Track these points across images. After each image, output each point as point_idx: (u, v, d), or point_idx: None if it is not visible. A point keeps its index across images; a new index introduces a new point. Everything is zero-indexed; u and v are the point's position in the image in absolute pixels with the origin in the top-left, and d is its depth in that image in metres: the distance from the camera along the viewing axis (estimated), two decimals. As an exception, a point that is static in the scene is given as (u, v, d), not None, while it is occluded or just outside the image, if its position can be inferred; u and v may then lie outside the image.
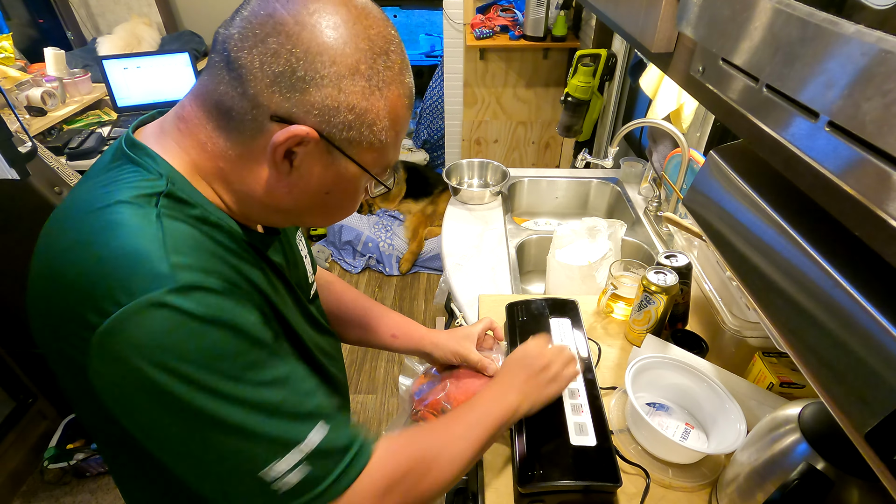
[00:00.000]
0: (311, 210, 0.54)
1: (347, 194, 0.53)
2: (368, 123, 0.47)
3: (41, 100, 2.07)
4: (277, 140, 0.45)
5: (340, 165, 0.49)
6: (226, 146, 0.48)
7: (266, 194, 0.50)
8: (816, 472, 0.51)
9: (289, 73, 0.43)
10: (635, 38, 0.68)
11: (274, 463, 0.45)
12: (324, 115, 0.45)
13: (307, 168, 0.48)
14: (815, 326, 0.37)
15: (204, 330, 0.42)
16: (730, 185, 0.51)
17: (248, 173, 0.49)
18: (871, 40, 0.28)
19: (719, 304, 0.94)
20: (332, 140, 0.47)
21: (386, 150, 0.51)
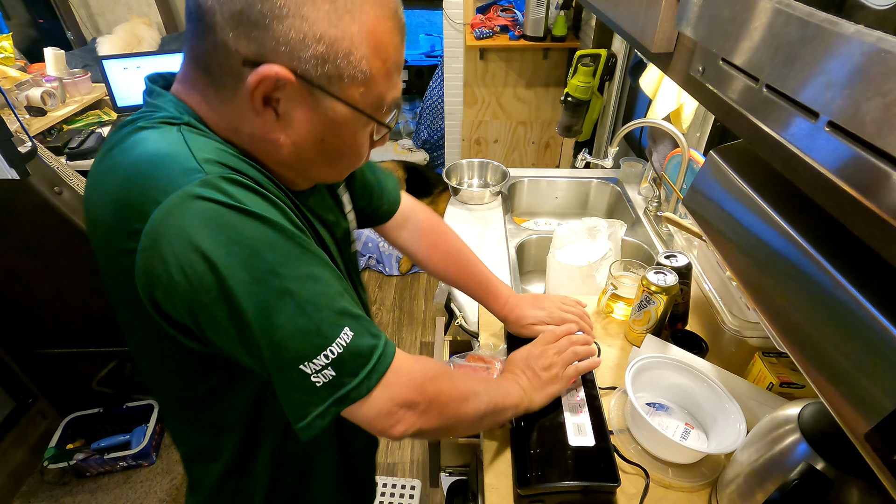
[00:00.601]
0: (313, 162, 0.52)
1: (345, 141, 0.50)
2: (344, 53, 0.43)
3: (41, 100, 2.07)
4: (250, 85, 0.43)
5: (326, 107, 0.46)
6: (219, 103, 0.47)
7: (263, 148, 0.49)
8: (816, 473, 0.51)
9: (247, 9, 0.41)
10: (635, 38, 0.68)
11: (313, 357, 0.45)
12: (292, 51, 0.42)
13: (293, 114, 0.46)
14: (815, 326, 0.37)
15: (239, 220, 0.42)
16: (730, 185, 0.51)
17: (243, 128, 0.48)
18: (871, 40, 0.28)
19: (719, 304, 0.94)
20: (308, 77, 0.44)
21: (373, 82, 0.47)
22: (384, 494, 1.67)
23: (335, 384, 0.47)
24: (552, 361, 0.76)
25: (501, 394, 0.68)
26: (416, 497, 1.67)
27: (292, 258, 0.45)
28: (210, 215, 0.41)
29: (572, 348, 0.79)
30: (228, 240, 0.42)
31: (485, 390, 0.64)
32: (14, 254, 1.36)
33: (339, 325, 0.47)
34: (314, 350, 0.45)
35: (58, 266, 1.39)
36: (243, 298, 0.43)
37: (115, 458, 1.67)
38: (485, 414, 0.63)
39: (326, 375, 0.46)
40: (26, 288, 1.45)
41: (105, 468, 1.72)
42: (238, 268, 0.42)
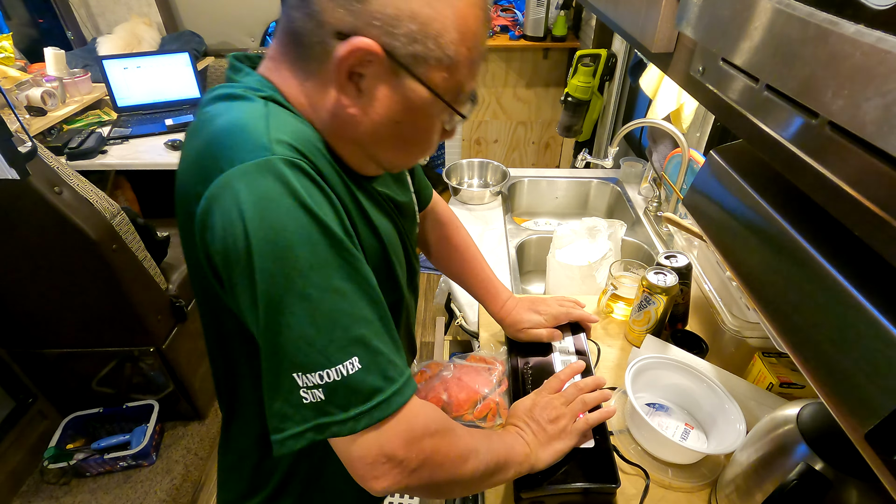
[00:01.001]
0: (385, 143, 0.52)
1: (420, 125, 0.51)
2: (434, 35, 0.44)
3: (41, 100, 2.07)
4: (340, 54, 0.43)
5: (408, 87, 0.47)
6: (304, 76, 0.48)
7: (340, 124, 0.49)
8: (815, 473, 0.51)
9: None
10: (635, 38, 0.68)
11: (308, 371, 0.43)
12: (385, 25, 0.43)
13: (374, 92, 0.47)
14: (815, 327, 0.37)
15: (288, 208, 0.42)
16: (730, 185, 0.51)
17: (324, 102, 0.48)
18: (871, 40, 0.28)
19: (719, 305, 0.94)
20: (396, 55, 0.44)
21: (457, 69, 0.47)
22: (384, 494, 1.67)
23: (320, 409, 0.44)
24: (560, 413, 0.69)
25: (504, 449, 0.62)
26: (415, 497, 1.67)
27: (326, 266, 0.43)
28: (262, 194, 0.41)
29: (581, 397, 0.72)
30: (270, 223, 0.41)
31: (486, 447, 0.58)
32: (14, 254, 1.36)
33: (349, 351, 0.44)
34: (312, 365, 0.43)
35: (58, 266, 1.39)
36: (261, 285, 0.42)
37: (115, 458, 1.67)
38: (484, 474, 0.57)
39: (315, 395, 0.44)
40: (26, 288, 1.44)
41: (105, 468, 1.72)
42: (268, 254, 0.42)
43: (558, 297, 0.94)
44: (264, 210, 0.41)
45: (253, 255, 0.42)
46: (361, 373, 0.45)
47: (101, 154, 2.03)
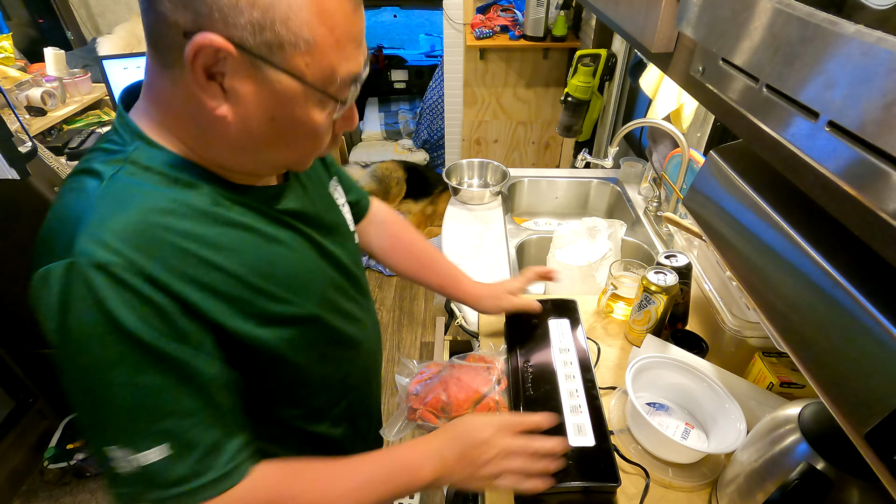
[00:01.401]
0: (267, 143, 0.49)
1: (297, 118, 0.48)
2: (281, 19, 0.41)
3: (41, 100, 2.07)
4: (188, 56, 0.41)
5: (272, 79, 0.44)
6: (169, 86, 0.46)
7: (215, 131, 0.47)
8: (816, 472, 0.51)
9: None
10: (635, 38, 0.68)
11: (116, 449, 0.46)
12: (226, 17, 0.40)
13: (239, 89, 0.44)
14: (814, 327, 0.37)
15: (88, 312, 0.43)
16: (730, 185, 0.51)
17: (192, 110, 0.46)
18: (871, 40, 0.28)
19: (719, 304, 0.94)
20: (246, 46, 0.42)
21: (319, 51, 0.44)
22: (384, 494, 1.67)
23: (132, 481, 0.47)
24: (495, 465, 0.61)
25: (399, 477, 0.59)
26: (416, 497, 1.67)
27: (127, 363, 0.45)
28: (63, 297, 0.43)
29: (523, 465, 0.63)
30: (69, 326, 0.43)
31: (359, 487, 0.56)
32: (14, 254, 1.36)
33: (148, 442, 0.46)
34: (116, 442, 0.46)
35: (58, 266, 1.39)
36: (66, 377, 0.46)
37: (115, 458, 1.67)
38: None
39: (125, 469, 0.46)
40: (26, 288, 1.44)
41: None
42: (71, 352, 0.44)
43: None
44: (65, 313, 0.43)
45: (59, 350, 0.45)
46: (164, 462, 0.47)
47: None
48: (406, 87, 4.03)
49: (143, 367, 0.45)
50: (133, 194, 0.46)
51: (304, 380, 0.64)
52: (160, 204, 0.47)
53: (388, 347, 2.31)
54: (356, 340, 0.72)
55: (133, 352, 0.44)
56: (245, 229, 0.53)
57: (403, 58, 4.06)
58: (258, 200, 0.55)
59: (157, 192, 0.47)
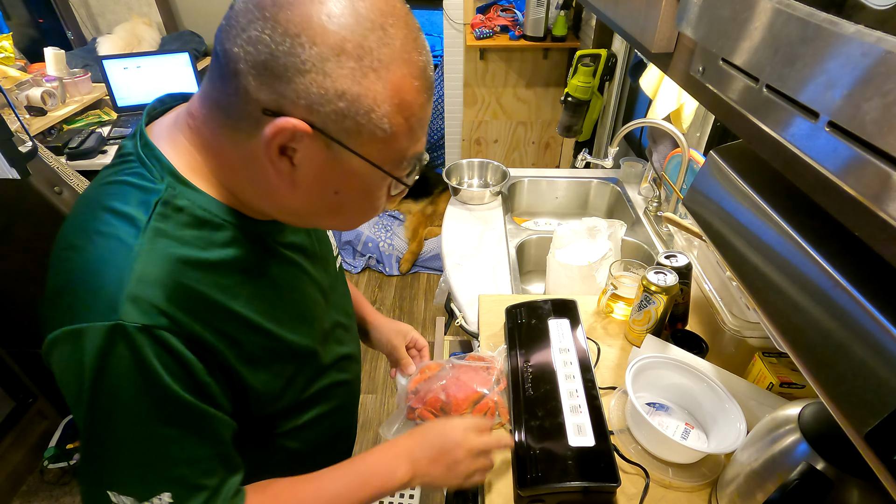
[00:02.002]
0: (324, 212, 0.51)
1: (360, 194, 0.50)
2: (365, 111, 0.42)
3: (41, 100, 2.07)
4: (267, 136, 0.42)
5: (344, 160, 0.45)
6: (229, 145, 0.46)
7: (273, 195, 0.49)
8: (816, 473, 0.51)
9: (271, 61, 0.40)
10: (635, 38, 0.68)
11: (123, 495, 0.47)
12: (312, 105, 0.41)
13: (309, 165, 0.45)
14: (815, 326, 0.37)
15: (127, 373, 0.43)
16: (730, 185, 0.51)
17: (252, 174, 0.47)
18: (871, 40, 0.28)
19: (719, 304, 0.94)
20: (327, 131, 0.43)
21: (394, 140, 0.46)
22: (384, 494, 1.67)
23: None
24: (466, 465, 0.66)
25: (376, 479, 0.62)
26: (416, 497, 1.67)
27: (150, 418, 0.45)
28: (102, 358, 0.43)
29: (486, 463, 0.69)
30: (102, 384, 0.44)
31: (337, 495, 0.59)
32: (14, 254, 1.36)
33: (159, 488, 0.47)
34: (124, 490, 0.47)
35: (58, 266, 1.39)
36: (86, 430, 0.46)
37: (115, 458, 1.67)
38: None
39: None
40: (26, 288, 1.44)
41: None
42: (97, 408, 0.45)
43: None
44: (101, 374, 0.43)
45: (83, 407, 0.45)
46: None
47: (101, 154, 2.03)
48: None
49: (167, 421, 0.46)
50: (166, 244, 0.46)
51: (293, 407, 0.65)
52: (191, 254, 0.47)
53: (388, 347, 2.31)
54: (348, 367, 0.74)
55: (162, 409, 0.45)
56: (259, 275, 0.54)
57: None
58: (269, 234, 0.56)
59: (187, 237, 0.47)
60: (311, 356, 0.63)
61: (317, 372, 0.66)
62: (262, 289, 0.54)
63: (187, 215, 0.47)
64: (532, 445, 0.74)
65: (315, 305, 0.65)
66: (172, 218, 0.46)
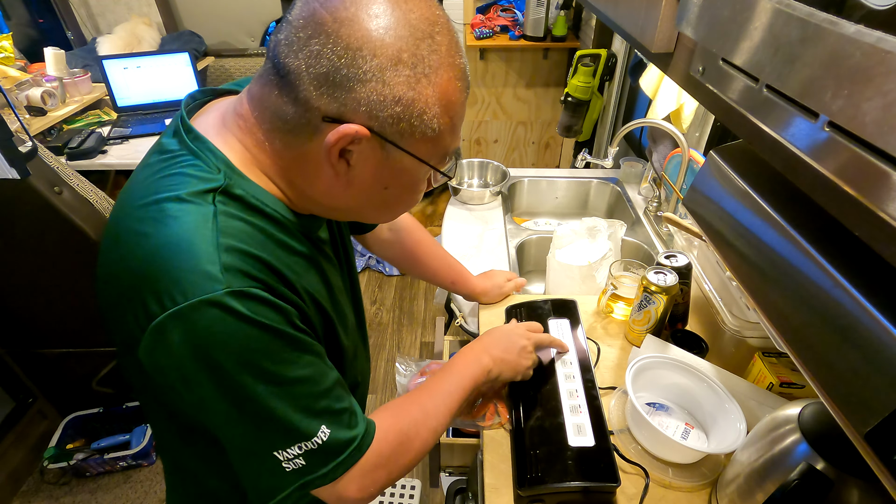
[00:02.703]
0: (372, 206, 0.55)
1: (407, 188, 0.54)
2: (418, 113, 0.46)
3: (41, 100, 2.07)
4: (330, 141, 0.46)
5: (396, 159, 0.49)
6: (283, 147, 0.49)
7: (326, 194, 0.52)
8: (816, 472, 0.51)
9: (333, 73, 0.43)
10: (635, 38, 0.68)
11: (288, 447, 0.49)
12: (371, 111, 0.45)
13: (363, 165, 0.49)
14: (814, 327, 0.37)
15: (246, 330, 0.45)
16: (730, 185, 0.51)
17: (307, 174, 0.51)
18: (871, 40, 0.28)
19: (719, 304, 0.94)
20: (384, 134, 0.46)
21: (441, 138, 0.50)
22: (384, 494, 1.67)
23: (303, 471, 0.51)
24: (526, 354, 0.81)
25: (468, 373, 0.72)
26: (416, 497, 1.67)
27: (287, 363, 0.48)
28: (218, 325, 0.44)
29: (536, 358, 0.84)
30: (228, 350, 0.45)
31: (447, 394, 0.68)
32: (14, 254, 1.36)
33: (318, 423, 0.51)
34: (289, 441, 0.49)
35: (58, 266, 1.39)
36: (228, 397, 0.47)
37: (114, 457, 1.67)
38: (455, 414, 0.68)
39: (296, 463, 0.50)
40: (26, 288, 1.45)
41: (105, 468, 1.72)
42: (235, 370, 0.46)
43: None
44: (222, 342, 0.44)
45: (215, 376, 0.46)
46: (332, 435, 0.52)
47: (101, 154, 2.03)
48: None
49: (295, 363, 0.49)
50: (238, 224, 0.48)
51: None
52: (260, 233, 0.49)
53: (388, 347, 2.31)
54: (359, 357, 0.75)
55: (287, 352, 0.48)
56: (313, 263, 0.57)
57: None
58: (311, 228, 0.58)
59: (250, 221, 0.49)
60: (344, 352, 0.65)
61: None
62: (317, 275, 0.57)
63: (245, 204, 0.49)
64: (532, 445, 0.74)
65: (345, 305, 0.67)
66: (231, 205, 0.48)
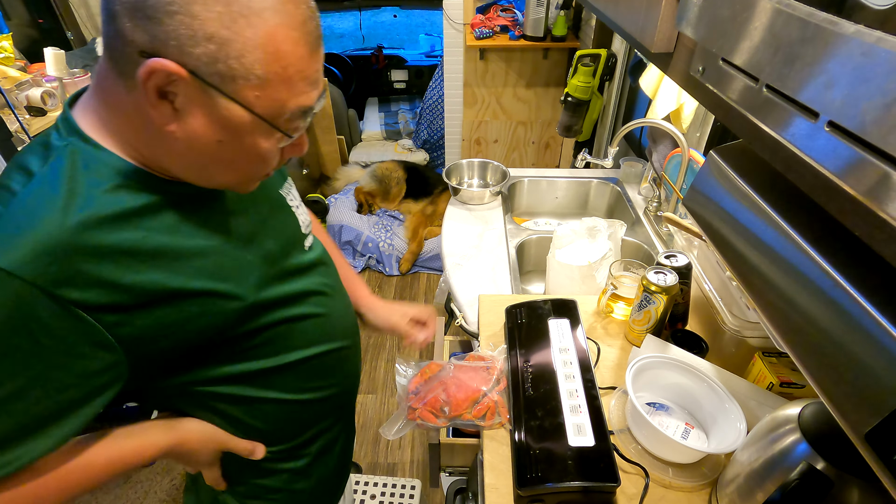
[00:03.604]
0: (213, 163, 0.51)
1: (244, 145, 0.50)
2: (235, 55, 0.44)
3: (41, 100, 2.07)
4: (141, 77, 0.43)
5: (221, 106, 0.46)
6: (122, 94, 0.47)
7: (163, 142, 0.49)
8: (816, 472, 0.51)
9: (140, 3, 0.41)
10: (635, 38, 0.68)
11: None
12: (182, 46, 0.42)
13: (189, 109, 0.46)
14: (815, 326, 0.37)
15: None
16: (730, 185, 0.51)
17: (144, 121, 0.47)
18: (871, 40, 0.28)
19: (719, 304, 0.94)
20: (199, 74, 0.44)
21: (270, 86, 0.46)
22: (384, 494, 1.67)
23: None
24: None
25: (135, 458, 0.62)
26: (416, 497, 1.67)
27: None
28: None
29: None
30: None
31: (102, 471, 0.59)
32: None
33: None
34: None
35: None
36: None
37: (115, 458, 1.67)
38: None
39: None
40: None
41: (105, 468, 1.71)
42: None
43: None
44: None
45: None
46: None
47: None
48: (406, 87, 4.03)
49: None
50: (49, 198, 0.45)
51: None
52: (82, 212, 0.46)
53: (389, 347, 2.31)
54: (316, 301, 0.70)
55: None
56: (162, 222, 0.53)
57: (403, 58, 4.06)
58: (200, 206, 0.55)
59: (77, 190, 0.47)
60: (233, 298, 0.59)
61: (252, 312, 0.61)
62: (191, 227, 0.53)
63: (87, 172, 0.48)
64: (532, 445, 0.74)
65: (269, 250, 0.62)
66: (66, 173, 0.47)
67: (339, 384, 0.74)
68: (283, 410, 0.68)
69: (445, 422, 0.82)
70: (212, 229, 0.56)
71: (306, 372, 0.68)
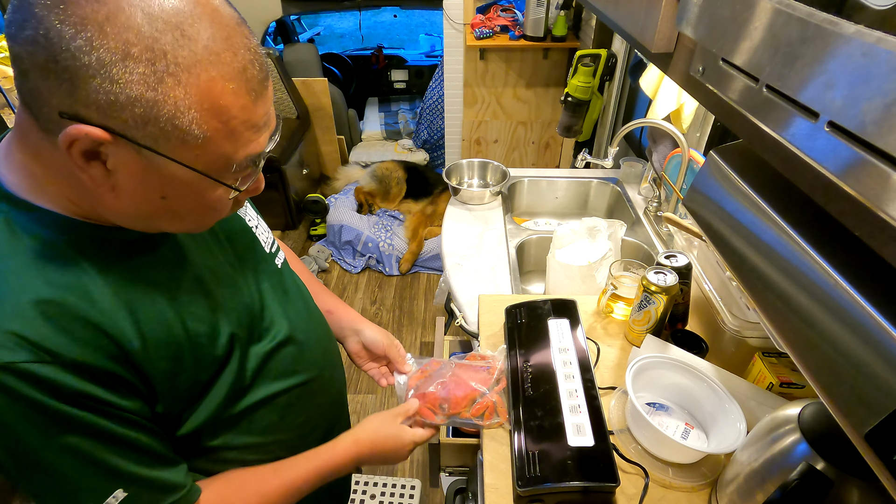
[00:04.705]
0: (158, 216, 0.48)
1: (190, 198, 0.46)
2: (167, 117, 0.39)
3: (41, 100, 2.07)
4: (62, 143, 0.39)
5: (161, 165, 0.42)
6: (49, 150, 0.42)
7: (102, 201, 0.45)
8: (816, 472, 0.51)
9: (52, 64, 0.37)
10: (635, 38, 0.68)
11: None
12: (105, 111, 0.38)
13: (125, 170, 0.42)
14: (815, 326, 0.37)
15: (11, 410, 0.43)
16: (730, 185, 0.51)
17: (75, 181, 0.43)
18: (871, 40, 0.28)
19: (719, 304, 0.94)
20: (131, 137, 0.40)
21: (213, 144, 0.42)
22: (384, 494, 1.67)
23: None
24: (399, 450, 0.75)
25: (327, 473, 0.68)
26: (416, 497, 1.67)
27: (48, 434, 0.45)
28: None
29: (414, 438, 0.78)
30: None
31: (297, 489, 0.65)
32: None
33: (106, 490, 0.48)
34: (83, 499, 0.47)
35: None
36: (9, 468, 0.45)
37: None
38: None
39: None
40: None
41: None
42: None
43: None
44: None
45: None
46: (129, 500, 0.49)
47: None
48: (406, 87, 4.03)
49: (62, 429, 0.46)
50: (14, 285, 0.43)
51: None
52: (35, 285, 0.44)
53: (388, 347, 2.31)
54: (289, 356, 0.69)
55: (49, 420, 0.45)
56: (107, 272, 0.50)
57: (403, 58, 4.06)
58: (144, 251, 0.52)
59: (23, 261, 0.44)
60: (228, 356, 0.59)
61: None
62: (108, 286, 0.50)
63: (23, 240, 0.45)
64: (531, 445, 0.74)
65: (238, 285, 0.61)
66: (7, 244, 0.44)
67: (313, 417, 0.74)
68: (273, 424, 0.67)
69: (444, 419, 0.82)
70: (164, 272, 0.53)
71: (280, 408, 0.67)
